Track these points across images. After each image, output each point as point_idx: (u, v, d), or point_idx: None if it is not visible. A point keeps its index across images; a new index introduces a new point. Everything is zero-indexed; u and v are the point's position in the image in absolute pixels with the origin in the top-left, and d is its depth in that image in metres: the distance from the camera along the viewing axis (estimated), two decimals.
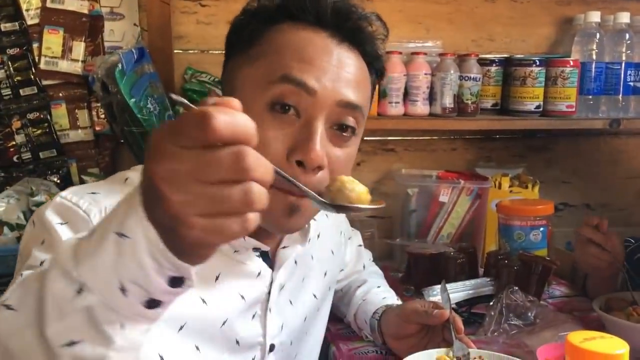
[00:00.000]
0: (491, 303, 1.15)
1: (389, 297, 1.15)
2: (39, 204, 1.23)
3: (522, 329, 1.09)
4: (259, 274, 0.85)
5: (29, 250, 0.68)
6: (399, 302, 1.14)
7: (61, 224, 0.70)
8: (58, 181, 1.48)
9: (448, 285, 1.28)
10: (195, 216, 0.43)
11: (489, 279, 1.34)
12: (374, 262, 1.34)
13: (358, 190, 0.67)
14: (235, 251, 0.82)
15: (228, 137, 0.42)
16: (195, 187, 0.43)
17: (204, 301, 0.79)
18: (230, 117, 0.42)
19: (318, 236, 1.00)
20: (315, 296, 0.99)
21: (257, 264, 0.85)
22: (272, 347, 0.88)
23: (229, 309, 0.82)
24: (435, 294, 1.27)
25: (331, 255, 1.04)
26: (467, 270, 1.41)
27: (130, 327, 0.50)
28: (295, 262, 0.92)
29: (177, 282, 0.49)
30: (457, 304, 1.25)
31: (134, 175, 0.80)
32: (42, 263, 0.64)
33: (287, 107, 0.74)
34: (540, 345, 1.00)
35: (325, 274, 1.02)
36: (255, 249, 0.84)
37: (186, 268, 0.49)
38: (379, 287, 1.19)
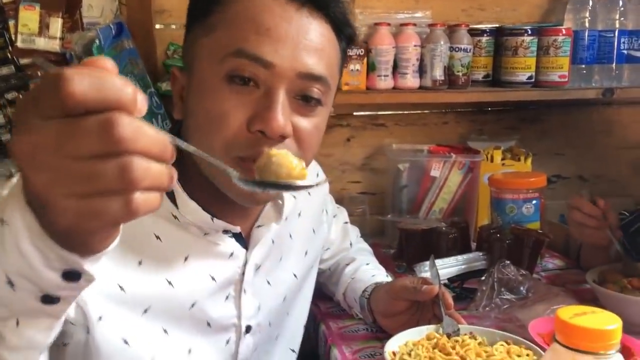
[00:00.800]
0: (483, 278, 1.13)
1: (378, 275, 1.12)
2: None
3: (514, 303, 1.07)
4: (232, 254, 0.82)
5: None
6: (389, 279, 1.12)
7: None
8: None
9: (440, 261, 1.26)
10: (64, 197, 0.38)
11: (481, 254, 1.32)
12: (362, 239, 1.31)
13: (288, 165, 0.58)
14: (205, 234, 0.79)
15: (92, 103, 0.36)
16: (59, 164, 0.37)
17: (170, 283, 0.76)
18: (95, 78, 0.36)
19: (299, 214, 0.97)
20: (295, 276, 0.96)
21: (230, 244, 0.82)
22: (248, 329, 0.86)
23: (198, 290, 0.79)
24: (426, 269, 1.25)
25: (312, 234, 1.02)
26: (459, 245, 1.39)
27: (28, 325, 0.45)
28: (273, 241, 0.89)
29: (72, 276, 0.43)
30: (449, 279, 1.23)
31: None
32: None
33: (245, 79, 0.71)
34: (532, 319, 0.98)
35: (306, 253, 0.99)
36: (225, 231, 0.81)
37: (74, 260, 0.43)
38: (367, 264, 1.17)
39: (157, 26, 1.50)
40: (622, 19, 1.57)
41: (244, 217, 0.83)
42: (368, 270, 1.14)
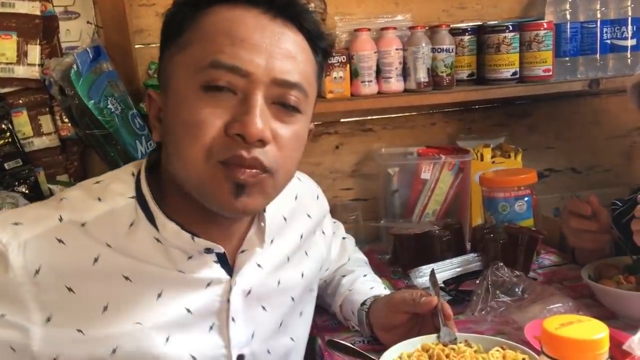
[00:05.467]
0: (477, 281, 1.12)
1: (377, 287, 1.10)
2: None
3: (510, 305, 1.06)
4: (209, 283, 0.80)
5: None
6: (387, 291, 1.10)
7: None
8: (27, 191, 1.43)
9: (435, 265, 1.25)
10: None
11: (476, 255, 1.31)
12: (357, 248, 1.30)
13: None
14: (189, 258, 0.78)
15: None
16: None
17: (138, 323, 0.75)
18: None
19: (301, 237, 0.96)
20: (292, 299, 0.94)
21: (214, 270, 0.80)
22: (240, 358, 0.84)
23: (171, 324, 0.77)
24: (422, 275, 1.24)
25: (305, 255, 0.99)
26: (453, 247, 1.38)
27: None
28: (258, 265, 0.87)
29: None
30: (444, 282, 1.22)
31: (74, 194, 0.78)
32: None
33: (221, 88, 0.72)
34: (529, 321, 0.97)
35: (302, 274, 0.96)
36: (208, 250, 0.79)
37: None
38: (365, 275, 1.15)
39: (137, 46, 1.49)
40: (603, 9, 1.56)
41: (227, 240, 0.82)
42: (366, 282, 1.12)
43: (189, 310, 0.78)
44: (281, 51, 0.73)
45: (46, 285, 0.70)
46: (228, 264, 0.82)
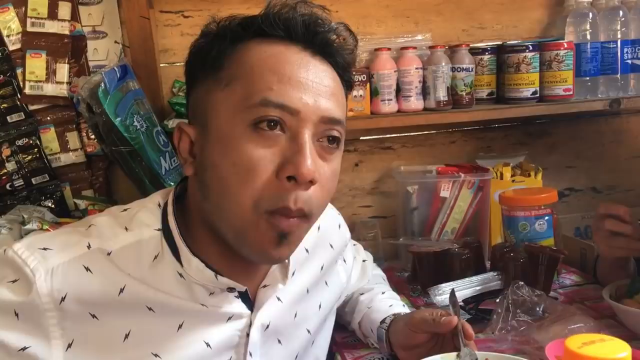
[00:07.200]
0: (497, 300, 1.12)
1: (396, 305, 1.10)
2: (30, 232, 1.21)
3: (531, 325, 1.05)
4: (230, 317, 0.81)
5: None
6: (406, 309, 1.10)
7: (13, 281, 0.70)
8: (53, 206, 1.47)
9: (454, 284, 1.25)
10: None
11: (496, 274, 1.31)
12: (375, 265, 1.30)
13: None
14: (210, 294, 0.79)
15: None
16: None
17: (156, 355, 0.75)
18: None
19: (321, 268, 0.96)
20: (309, 331, 0.94)
21: (234, 305, 0.81)
22: None
23: (189, 358, 0.78)
24: (441, 293, 1.24)
25: (324, 285, 0.99)
26: (473, 266, 1.37)
27: None
28: (278, 298, 0.87)
29: None
30: (463, 301, 1.22)
31: (102, 221, 0.78)
32: None
33: (272, 123, 0.71)
34: (550, 340, 0.97)
35: (319, 306, 0.97)
36: (231, 289, 0.80)
37: None
38: (383, 293, 1.15)
39: (162, 65, 1.53)
40: (623, 29, 1.56)
41: (250, 276, 0.82)
42: (384, 300, 1.12)
43: (208, 345, 0.79)
44: (325, 89, 0.74)
45: (71, 312, 0.71)
46: (249, 299, 0.83)
